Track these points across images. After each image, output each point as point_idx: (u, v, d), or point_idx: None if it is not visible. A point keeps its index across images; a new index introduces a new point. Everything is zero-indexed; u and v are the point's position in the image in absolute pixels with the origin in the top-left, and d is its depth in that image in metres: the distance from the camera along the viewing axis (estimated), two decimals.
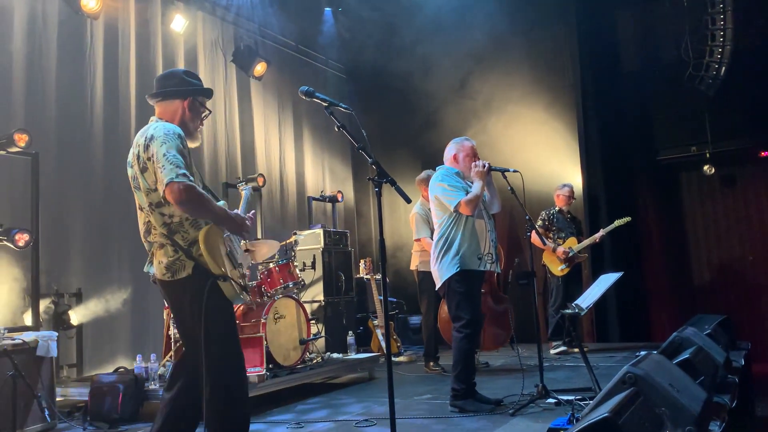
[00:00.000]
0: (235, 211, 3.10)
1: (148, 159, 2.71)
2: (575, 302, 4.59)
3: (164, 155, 2.65)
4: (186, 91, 2.94)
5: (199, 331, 2.69)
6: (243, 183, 3.71)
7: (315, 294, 7.34)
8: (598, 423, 2.04)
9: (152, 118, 2.94)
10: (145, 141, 2.75)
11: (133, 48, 6.72)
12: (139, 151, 2.77)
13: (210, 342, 2.70)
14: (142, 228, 2.86)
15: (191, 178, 2.67)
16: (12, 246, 4.87)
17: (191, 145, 3.00)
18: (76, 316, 5.65)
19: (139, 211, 2.88)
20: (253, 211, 3.21)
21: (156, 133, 2.74)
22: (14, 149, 4.95)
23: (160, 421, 2.87)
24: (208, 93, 3.05)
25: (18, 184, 5.33)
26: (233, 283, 2.74)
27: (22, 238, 4.88)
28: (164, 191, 2.63)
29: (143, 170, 2.75)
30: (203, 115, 3.02)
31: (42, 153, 5.26)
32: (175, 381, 2.91)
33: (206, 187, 3.00)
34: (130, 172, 2.85)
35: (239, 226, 2.94)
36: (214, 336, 2.71)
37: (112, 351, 6.03)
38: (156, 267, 2.81)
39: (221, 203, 2.94)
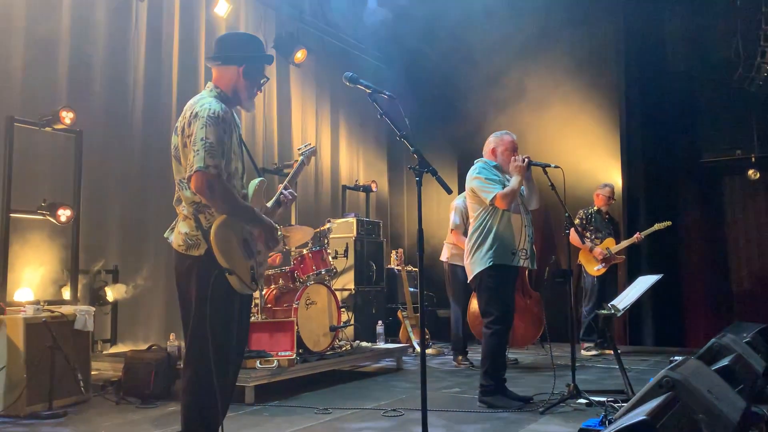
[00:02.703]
0: (280, 192, 3.01)
1: (188, 137, 2.65)
2: (611, 303, 4.51)
3: (201, 139, 2.58)
4: (241, 57, 2.80)
5: (190, 310, 2.66)
6: (308, 145, 3.54)
7: (346, 282, 7.36)
8: (636, 425, 2.00)
9: (208, 84, 2.85)
10: (190, 116, 2.67)
11: (176, 30, 6.79)
12: (184, 125, 2.70)
13: (201, 329, 2.62)
14: (174, 196, 2.81)
15: (221, 171, 2.61)
16: (54, 221, 4.97)
17: (242, 111, 2.91)
18: (112, 292, 5.75)
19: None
20: (291, 190, 3.07)
21: (201, 112, 2.64)
22: (59, 126, 5.03)
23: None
24: (268, 60, 2.91)
25: (61, 160, 5.43)
26: (239, 277, 2.66)
27: (64, 214, 4.98)
28: (191, 176, 2.59)
29: (184, 145, 2.69)
30: (261, 82, 2.86)
31: (86, 131, 5.35)
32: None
33: (252, 166, 2.90)
34: (174, 139, 2.76)
35: (266, 233, 2.80)
36: (207, 324, 2.62)
37: (146, 328, 6.13)
38: (175, 235, 2.76)
39: (256, 181, 2.89)
